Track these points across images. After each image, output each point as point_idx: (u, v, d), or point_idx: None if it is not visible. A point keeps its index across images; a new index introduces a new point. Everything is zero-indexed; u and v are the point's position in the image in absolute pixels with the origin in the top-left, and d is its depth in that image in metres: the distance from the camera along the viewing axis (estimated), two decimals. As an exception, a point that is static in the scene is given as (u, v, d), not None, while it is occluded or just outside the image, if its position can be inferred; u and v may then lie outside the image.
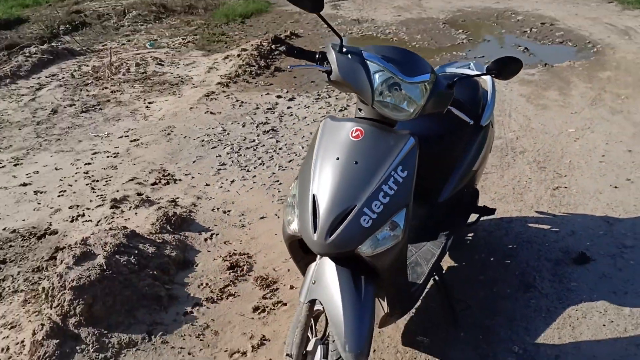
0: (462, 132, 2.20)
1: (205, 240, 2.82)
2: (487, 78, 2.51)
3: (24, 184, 3.54)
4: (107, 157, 3.98)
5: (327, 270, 1.62)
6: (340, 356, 1.55)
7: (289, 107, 4.87)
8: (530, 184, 3.28)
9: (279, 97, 5.20)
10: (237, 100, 5.13)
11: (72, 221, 3.04)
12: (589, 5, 9.15)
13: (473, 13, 9.42)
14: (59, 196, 3.36)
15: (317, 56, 1.75)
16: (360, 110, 1.75)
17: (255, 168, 3.70)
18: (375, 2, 11.46)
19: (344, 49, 1.67)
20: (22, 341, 2.08)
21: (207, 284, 2.44)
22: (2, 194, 3.45)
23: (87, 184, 3.51)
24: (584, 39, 6.90)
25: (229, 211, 3.14)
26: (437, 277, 2.14)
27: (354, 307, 1.55)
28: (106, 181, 3.57)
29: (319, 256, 1.67)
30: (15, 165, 3.86)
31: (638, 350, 2.02)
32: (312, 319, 1.75)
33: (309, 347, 1.71)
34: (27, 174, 3.69)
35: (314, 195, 1.60)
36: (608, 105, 4.47)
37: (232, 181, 3.53)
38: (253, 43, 7.46)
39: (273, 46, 7.28)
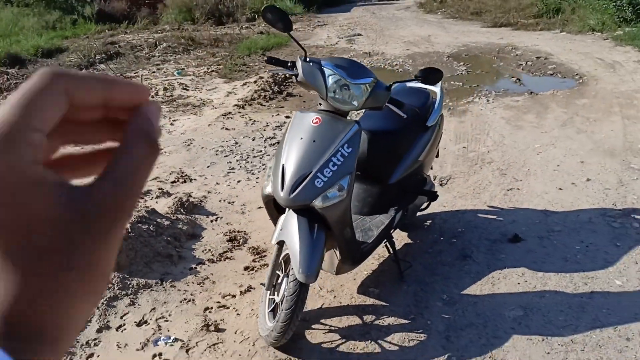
0: (411, 130, 2.82)
1: (212, 221, 3.46)
2: (437, 90, 3.14)
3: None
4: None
5: (290, 219, 2.24)
6: (296, 278, 2.15)
7: (294, 125, 5.55)
8: (489, 186, 3.85)
9: (287, 117, 5.89)
10: (250, 120, 5.83)
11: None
12: (584, 42, 9.75)
13: (477, 48, 10.09)
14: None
15: (289, 64, 2.40)
16: (320, 104, 2.39)
17: (259, 172, 4.35)
18: (388, 37, 12.27)
19: (308, 59, 2.32)
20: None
21: (209, 250, 3.07)
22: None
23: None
24: (573, 71, 7.49)
25: (233, 202, 3.78)
26: (387, 243, 2.72)
27: (307, 243, 2.15)
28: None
29: (286, 210, 2.28)
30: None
31: (541, 300, 2.56)
32: (282, 261, 2.36)
33: (279, 280, 2.32)
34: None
35: (283, 165, 2.23)
36: (576, 127, 5.03)
37: (239, 181, 4.18)
38: (269, 73, 8.24)
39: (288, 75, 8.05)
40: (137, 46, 11.59)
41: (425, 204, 3.18)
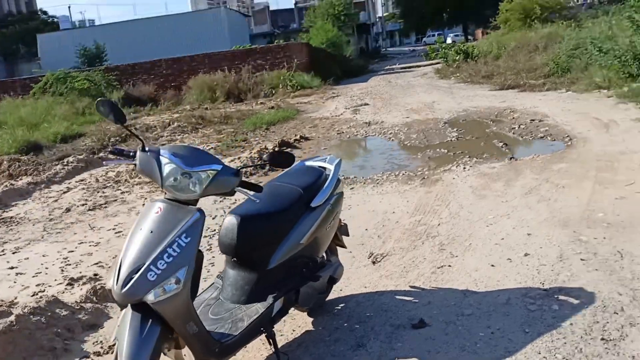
0: (291, 212, 2.73)
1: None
2: (332, 168, 3.06)
3: (11, 267, 4.35)
4: (89, 245, 4.77)
5: (126, 315, 2.16)
6: None
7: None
8: (421, 264, 3.66)
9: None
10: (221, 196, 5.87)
11: (32, 296, 3.74)
12: (587, 101, 9.51)
13: (476, 112, 10.01)
14: (33, 277, 4.11)
15: (131, 154, 2.39)
16: (165, 192, 2.35)
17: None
18: (393, 106, 12.38)
19: (146, 149, 2.30)
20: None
21: (101, 342, 3.00)
22: (-5, 275, 4.26)
23: (59, 267, 4.27)
24: (564, 133, 7.25)
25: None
26: (266, 332, 2.57)
27: (133, 340, 2.04)
28: (76, 264, 4.31)
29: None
30: (13, 253, 4.73)
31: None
32: None
33: None
34: (18, 260, 4.52)
35: (121, 259, 2.19)
36: (540, 195, 4.79)
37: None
38: (264, 147, 8.40)
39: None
40: (151, 127, 12.13)
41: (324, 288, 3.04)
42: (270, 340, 2.59)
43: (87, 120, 14.30)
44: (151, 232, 2.16)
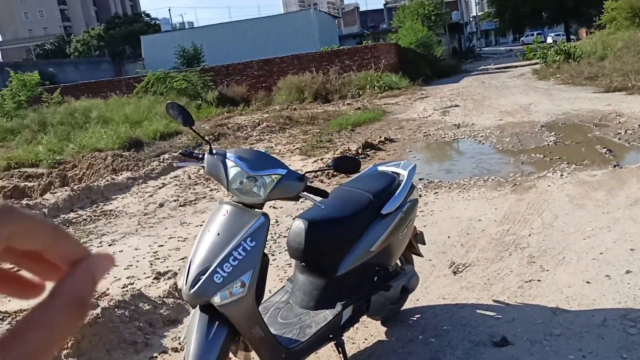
0: (360, 218, 2.66)
1: (204, 305, 3.50)
2: (406, 173, 2.95)
3: (106, 257, 4.61)
4: (178, 240, 4.97)
5: (195, 315, 2.18)
6: None
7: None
8: (507, 276, 3.44)
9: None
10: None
11: (122, 288, 3.95)
12: None
13: (577, 116, 9.37)
14: (125, 269, 4.34)
15: (200, 156, 2.42)
16: (232, 196, 2.34)
17: (280, 254, 4.35)
18: (486, 107, 11.89)
19: (214, 151, 2.32)
20: None
21: (179, 337, 3.09)
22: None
23: (149, 261, 4.47)
24: (679, 139, 6.57)
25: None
26: (335, 340, 2.52)
27: (200, 341, 2.05)
28: (164, 259, 4.50)
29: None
30: (109, 245, 5.02)
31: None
32: None
33: None
34: (113, 252, 4.79)
35: (190, 260, 2.22)
36: (648, 206, 4.36)
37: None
38: (347, 148, 8.36)
39: (361, 150, 8.10)
40: (242, 126, 12.50)
41: (398, 298, 2.92)
42: (340, 349, 2.54)
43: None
44: (218, 234, 2.17)
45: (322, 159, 7.93)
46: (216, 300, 2.08)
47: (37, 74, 18.71)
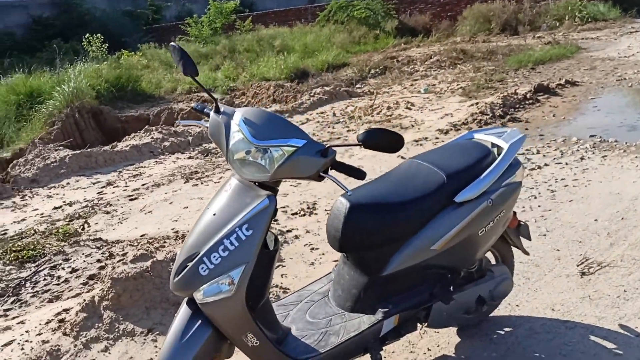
0: (423, 203, 2.01)
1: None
2: (506, 147, 2.18)
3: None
4: (290, 185, 4.76)
5: (181, 307, 1.83)
6: None
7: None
8: (653, 293, 2.52)
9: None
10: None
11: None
12: None
13: None
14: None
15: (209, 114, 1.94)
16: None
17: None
18: None
19: (221, 109, 1.83)
20: (72, 308, 2.89)
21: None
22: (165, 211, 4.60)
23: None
24: None
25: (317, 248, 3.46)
26: (370, 354, 2.02)
27: (172, 343, 1.73)
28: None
29: None
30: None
31: None
32: None
33: None
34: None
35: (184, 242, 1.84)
36: None
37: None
38: (513, 91, 7.21)
39: (531, 94, 6.91)
40: (413, 60, 11.71)
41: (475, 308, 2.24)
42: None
43: (360, 49, 14.67)
44: (214, 214, 1.76)
45: (475, 104, 6.94)
46: (198, 296, 1.71)
47: (237, 1, 19.53)
